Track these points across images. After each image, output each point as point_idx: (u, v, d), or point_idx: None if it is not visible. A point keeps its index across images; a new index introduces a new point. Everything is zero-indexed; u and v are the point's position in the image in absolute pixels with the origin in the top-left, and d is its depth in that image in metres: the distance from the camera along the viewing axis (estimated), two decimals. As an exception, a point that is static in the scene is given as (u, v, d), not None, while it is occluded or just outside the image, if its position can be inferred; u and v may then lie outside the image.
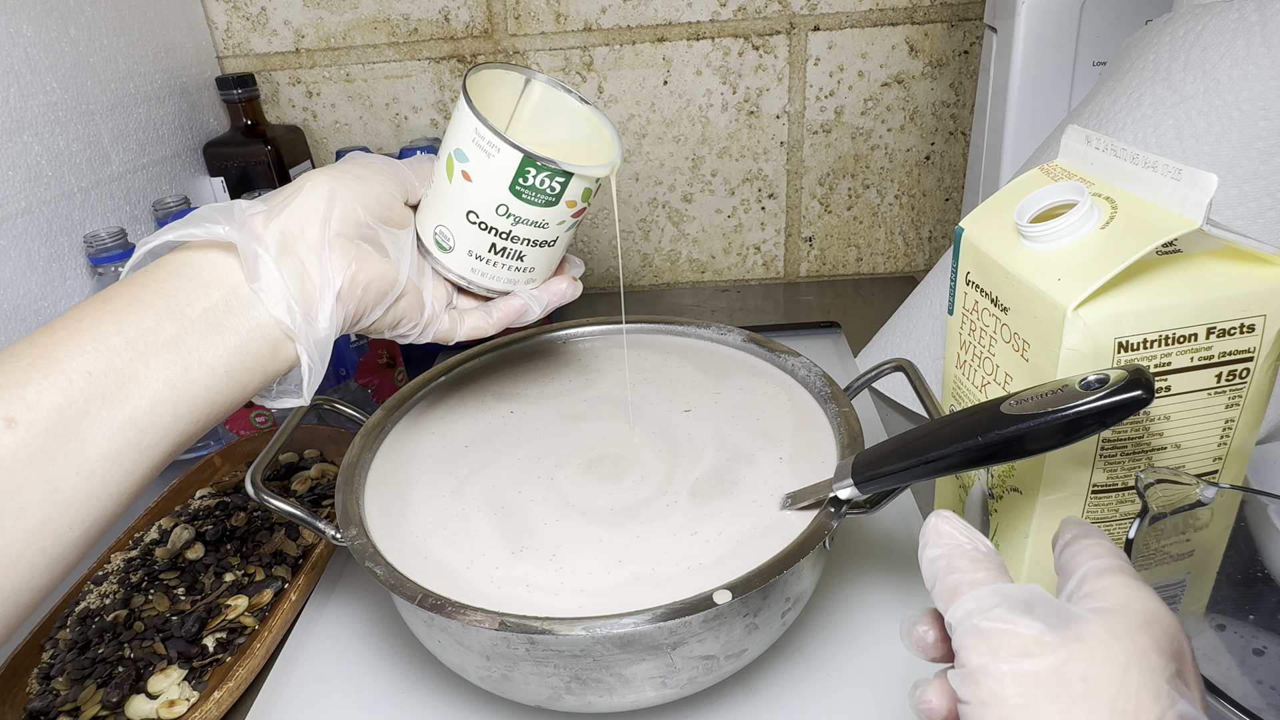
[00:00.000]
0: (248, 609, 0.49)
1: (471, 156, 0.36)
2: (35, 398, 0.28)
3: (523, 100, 0.41)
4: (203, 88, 0.82)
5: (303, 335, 0.34)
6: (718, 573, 0.36)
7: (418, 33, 0.82)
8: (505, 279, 0.40)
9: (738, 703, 0.42)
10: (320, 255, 0.34)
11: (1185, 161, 0.36)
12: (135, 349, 0.30)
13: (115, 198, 0.69)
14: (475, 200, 0.37)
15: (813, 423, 0.47)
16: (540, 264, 0.41)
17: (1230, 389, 0.35)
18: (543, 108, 0.41)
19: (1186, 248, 0.35)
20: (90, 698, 0.44)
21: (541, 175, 0.36)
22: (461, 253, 0.39)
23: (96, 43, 0.67)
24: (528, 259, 0.40)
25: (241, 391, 0.33)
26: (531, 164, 0.36)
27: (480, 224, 0.38)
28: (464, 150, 0.37)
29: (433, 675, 0.45)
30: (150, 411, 0.30)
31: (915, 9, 0.80)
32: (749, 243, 0.92)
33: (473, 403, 0.51)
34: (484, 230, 0.38)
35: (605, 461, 0.45)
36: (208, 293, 0.32)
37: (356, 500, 0.43)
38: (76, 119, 0.65)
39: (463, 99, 0.37)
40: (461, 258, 0.39)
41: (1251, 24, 0.43)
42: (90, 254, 0.62)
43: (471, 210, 0.38)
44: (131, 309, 0.31)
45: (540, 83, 0.41)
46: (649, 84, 0.84)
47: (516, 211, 0.37)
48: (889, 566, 0.50)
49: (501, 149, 0.36)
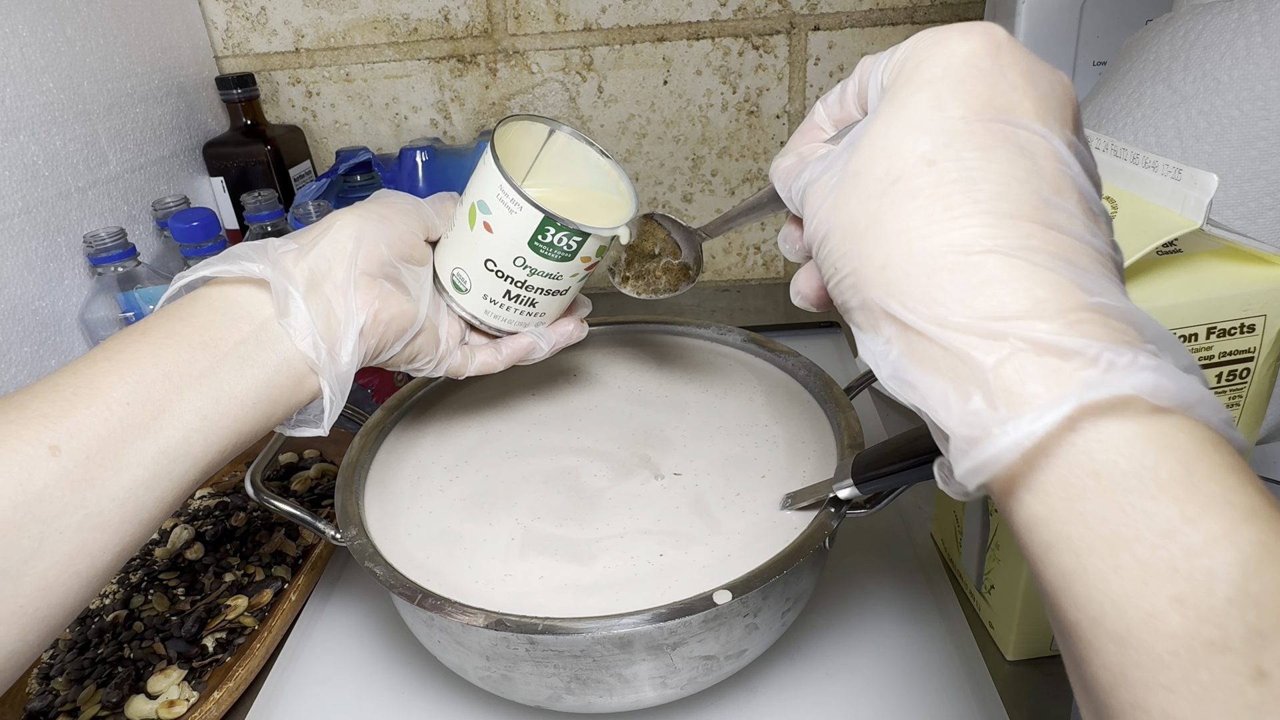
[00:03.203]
0: (247, 609, 0.49)
1: (494, 210, 0.38)
2: (78, 426, 0.29)
3: (545, 149, 0.42)
4: (200, 87, 0.81)
5: (326, 369, 0.35)
6: (718, 573, 0.36)
7: (417, 32, 0.82)
8: (516, 321, 0.42)
9: (738, 703, 0.42)
10: (346, 293, 0.35)
11: (1185, 161, 0.36)
12: (171, 381, 0.31)
13: (113, 197, 0.69)
14: (494, 251, 0.39)
15: (813, 423, 0.47)
16: (551, 309, 0.42)
17: (1230, 389, 0.35)
18: (564, 157, 0.43)
19: (1186, 248, 0.35)
20: (90, 698, 0.44)
21: (560, 235, 0.38)
22: (477, 295, 0.40)
23: (93, 42, 0.67)
24: (539, 305, 0.41)
25: (266, 422, 0.34)
26: (551, 224, 0.37)
27: (497, 272, 0.39)
28: (487, 203, 0.38)
29: (433, 675, 0.45)
30: (183, 442, 0.31)
31: (915, 9, 0.80)
32: (749, 243, 0.92)
33: (473, 402, 0.51)
34: (500, 278, 0.39)
35: (606, 460, 0.45)
36: (239, 327, 0.34)
37: (356, 500, 0.43)
38: (73, 119, 0.65)
39: (489, 154, 0.38)
40: (476, 300, 0.41)
41: (1251, 24, 0.43)
42: (90, 254, 0.62)
43: (490, 259, 0.39)
44: (168, 342, 0.32)
45: (564, 134, 0.42)
46: (649, 84, 0.83)
47: (533, 265, 0.39)
48: (889, 566, 0.50)
49: (524, 208, 0.37)
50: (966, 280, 0.20)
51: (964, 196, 0.21)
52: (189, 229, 0.63)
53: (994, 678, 0.42)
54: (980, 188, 0.21)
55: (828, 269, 0.25)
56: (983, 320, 0.20)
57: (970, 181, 0.21)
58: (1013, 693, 0.41)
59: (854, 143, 0.24)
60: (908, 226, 0.22)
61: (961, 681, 0.42)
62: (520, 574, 0.38)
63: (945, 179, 0.21)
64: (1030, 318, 0.19)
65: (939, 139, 0.22)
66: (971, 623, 0.45)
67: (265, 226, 0.67)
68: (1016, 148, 0.22)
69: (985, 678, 0.41)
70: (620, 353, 0.56)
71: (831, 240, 0.24)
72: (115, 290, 0.63)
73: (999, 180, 0.21)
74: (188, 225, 0.63)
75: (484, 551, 0.40)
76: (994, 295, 0.20)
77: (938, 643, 0.44)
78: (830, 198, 0.24)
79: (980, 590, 0.45)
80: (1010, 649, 0.43)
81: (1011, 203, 0.21)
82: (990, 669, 0.42)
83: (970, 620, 0.46)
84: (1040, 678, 0.43)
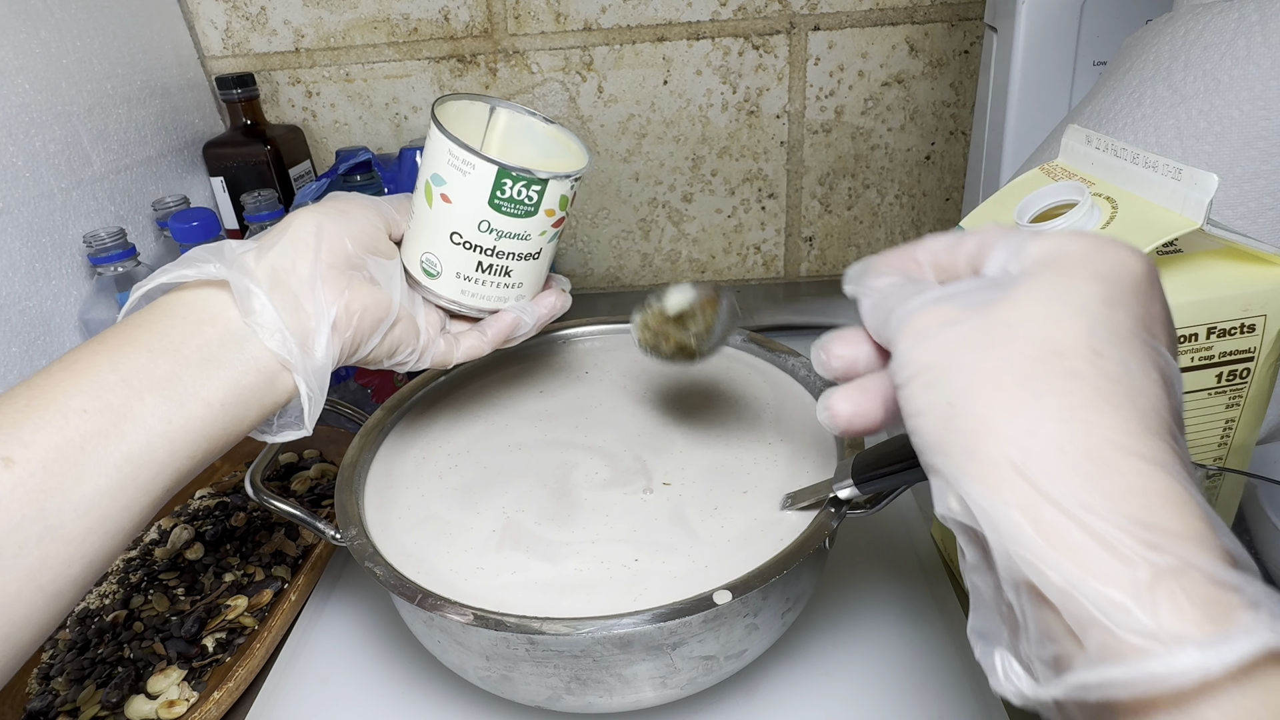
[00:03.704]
0: (247, 609, 0.49)
1: (449, 178, 0.38)
2: (31, 437, 0.28)
3: (490, 129, 0.42)
4: (186, 88, 0.81)
5: (299, 365, 0.34)
6: (718, 573, 0.36)
7: (417, 32, 0.82)
8: (495, 296, 0.41)
9: (738, 703, 0.42)
10: (313, 287, 0.35)
11: (1185, 161, 0.36)
12: (130, 386, 0.31)
13: (99, 198, 0.69)
14: (457, 220, 0.38)
15: (813, 423, 0.47)
16: (528, 278, 0.41)
17: (1230, 389, 0.35)
18: (510, 133, 0.42)
19: (1186, 248, 0.35)
20: (90, 698, 0.44)
21: (518, 185, 0.37)
22: (450, 275, 0.40)
23: (69, 45, 0.67)
24: (514, 273, 0.40)
25: (238, 425, 0.34)
26: (507, 175, 0.37)
27: (465, 243, 0.39)
28: (440, 174, 0.38)
29: (433, 675, 0.45)
30: (147, 448, 0.30)
31: (915, 9, 0.79)
32: (749, 242, 0.92)
33: (473, 403, 0.51)
34: (469, 249, 0.39)
35: (606, 461, 0.45)
36: (202, 330, 0.33)
37: (356, 500, 0.43)
38: (52, 120, 0.65)
39: (433, 125, 0.38)
40: (450, 281, 0.40)
41: (1251, 24, 0.43)
42: (90, 254, 0.62)
43: (455, 231, 0.38)
44: (126, 348, 0.32)
45: (505, 109, 0.42)
46: (649, 84, 0.83)
47: (498, 225, 0.38)
48: (889, 566, 0.50)
49: (476, 165, 0.37)
50: (1125, 482, 0.20)
51: (1127, 400, 0.21)
52: (189, 229, 0.63)
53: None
54: (1142, 398, 0.21)
55: (927, 402, 0.24)
56: (1139, 527, 0.19)
57: (1134, 389, 0.21)
58: (1013, 693, 0.42)
59: (1004, 292, 0.23)
60: (1069, 404, 0.21)
61: (961, 681, 0.42)
62: (493, 568, 0.38)
63: (1110, 375, 0.21)
64: (1188, 540, 0.19)
65: (1107, 335, 0.22)
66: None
67: (265, 226, 0.67)
68: (1159, 372, 0.22)
69: (985, 678, 0.41)
70: (620, 354, 0.56)
71: (953, 378, 0.23)
72: (114, 290, 0.63)
73: (1154, 396, 0.22)
74: (188, 225, 0.63)
75: (463, 541, 0.40)
76: (1152, 507, 0.20)
77: (938, 643, 0.44)
78: (964, 337, 0.23)
79: (980, 590, 0.45)
80: (1010, 649, 0.43)
81: (1161, 422, 0.21)
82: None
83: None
84: (1040, 678, 0.42)
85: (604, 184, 0.88)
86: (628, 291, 0.94)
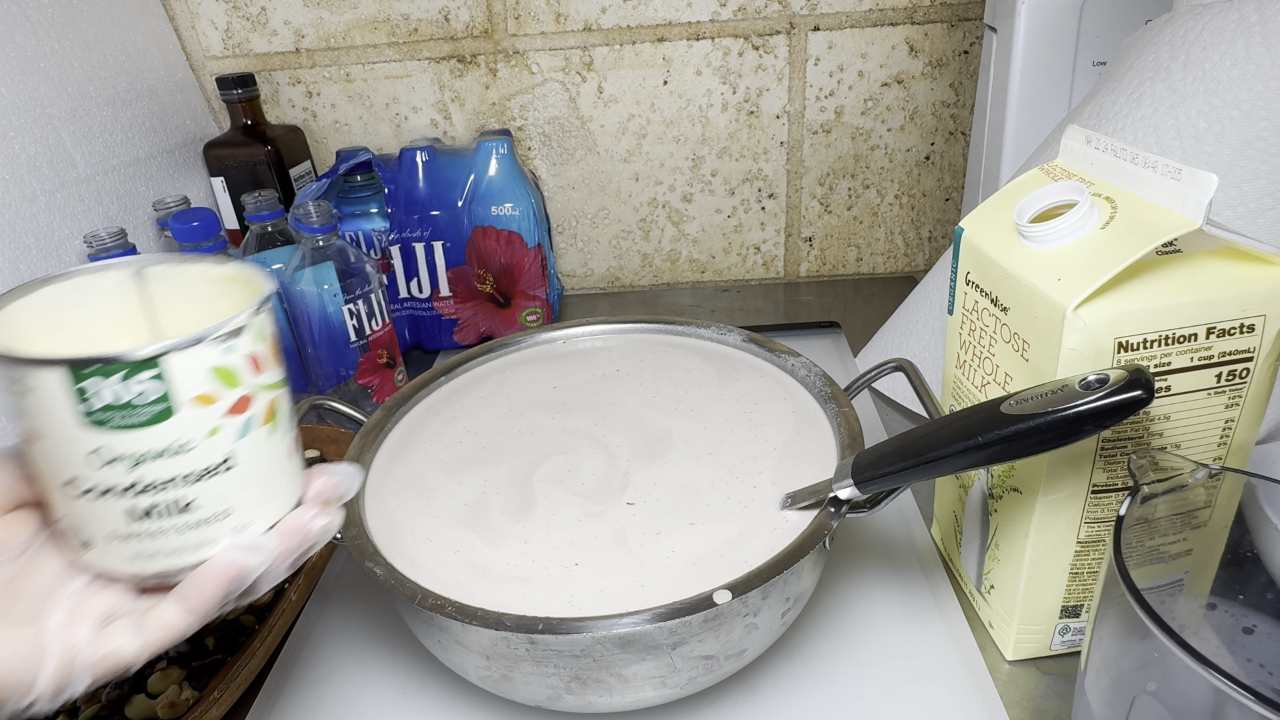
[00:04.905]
0: (248, 609, 0.49)
1: (19, 409, 0.25)
2: None
3: (147, 303, 0.31)
4: (174, 90, 0.81)
5: None
6: (718, 572, 0.36)
7: (418, 33, 0.82)
8: (188, 544, 0.27)
9: (738, 703, 0.42)
10: None
11: (1185, 161, 0.36)
12: None
13: (85, 200, 0.69)
14: (60, 464, 0.26)
15: (813, 423, 0.47)
16: (232, 498, 0.27)
17: (1230, 389, 0.35)
18: (176, 297, 0.31)
19: (1186, 248, 0.35)
20: (90, 698, 0.44)
21: (113, 381, 0.24)
22: (101, 540, 0.27)
23: (46, 47, 0.67)
24: (200, 502, 0.27)
25: None
26: (85, 373, 0.24)
27: (88, 491, 0.26)
28: (13, 409, 0.26)
29: (433, 675, 0.45)
30: None
31: (915, 9, 0.80)
32: (749, 243, 0.92)
33: (472, 403, 0.51)
34: (101, 496, 0.26)
35: (605, 463, 0.45)
36: None
37: (356, 500, 0.43)
38: (31, 122, 0.64)
39: None
40: (106, 547, 0.27)
41: (1251, 24, 0.43)
42: (90, 254, 0.62)
43: (67, 481, 0.26)
44: None
45: (156, 266, 0.30)
46: (649, 84, 0.84)
47: (121, 449, 0.25)
48: (889, 566, 0.50)
49: (30, 375, 0.24)
50: None
51: None
52: (190, 229, 0.63)
53: (994, 677, 0.42)
54: None
55: None
56: None
57: None
58: (1013, 693, 0.42)
59: None
60: None
61: (961, 681, 0.42)
62: (521, 573, 0.38)
63: None
64: None
65: None
66: (971, 622, 0.45)
67: (265, 226, 0.67)
68: None
69: (985, 677, 0.42)
70: (620, 355, 0.56)
71: None
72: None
73: None
74: (188, 225, 0.63)
75: (484, 551, 0.40)
76: None
77: (938, 643, 0.44)
78: None
79: (980, 590, 0.45)
80: (1010, 649, 0.43)
81: None
82: (990, 669, 0.42)
83: (970, 620, 0.46)
84: (1040, 678, 0.43)
85: (604, 184, 0.88)
86: (628, 291, 0.94)
